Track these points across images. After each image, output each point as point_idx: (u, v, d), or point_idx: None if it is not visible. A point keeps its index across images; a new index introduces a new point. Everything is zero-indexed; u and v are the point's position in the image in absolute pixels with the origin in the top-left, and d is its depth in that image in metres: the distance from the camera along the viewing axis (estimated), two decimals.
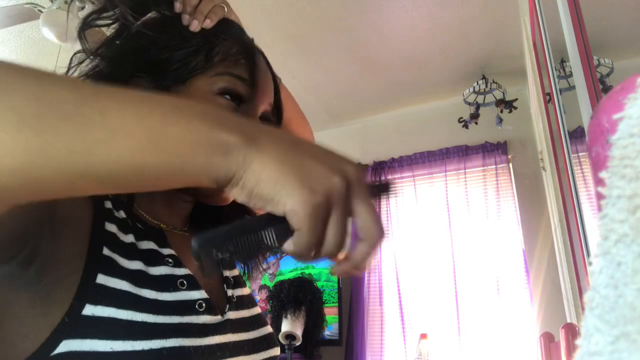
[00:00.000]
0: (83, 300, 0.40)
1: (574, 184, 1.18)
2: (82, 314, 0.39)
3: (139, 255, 0.46)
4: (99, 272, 0.42)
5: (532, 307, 2.45)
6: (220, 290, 0.56)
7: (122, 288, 0.42)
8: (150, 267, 0.46)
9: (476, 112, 2.81)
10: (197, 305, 0.48)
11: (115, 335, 0.40)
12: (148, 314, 0.42)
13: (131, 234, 0.48)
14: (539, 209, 2.54)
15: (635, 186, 0.19)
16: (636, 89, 0.20)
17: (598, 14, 2.11)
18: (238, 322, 0.54)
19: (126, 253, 0.45)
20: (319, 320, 2.56)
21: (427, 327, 2.68)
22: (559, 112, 1.32)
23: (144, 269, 0.46)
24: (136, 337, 0.40)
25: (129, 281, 0.43)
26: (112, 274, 0.43)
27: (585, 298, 0.19)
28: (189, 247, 0.56)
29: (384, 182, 0.39)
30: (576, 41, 0.94)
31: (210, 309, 0.49)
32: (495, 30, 2.41)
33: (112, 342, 0.39)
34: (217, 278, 0.58)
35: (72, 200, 0.44)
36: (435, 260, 2.81)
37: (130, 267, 0.45)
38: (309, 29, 2.40)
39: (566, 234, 1.48)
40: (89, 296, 0.40)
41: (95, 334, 0.39)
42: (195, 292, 0.48)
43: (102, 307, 0.40)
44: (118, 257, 0.44)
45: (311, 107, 3.19)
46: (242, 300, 0.58)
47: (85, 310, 0.40)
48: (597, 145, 0.21)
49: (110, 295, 0.41)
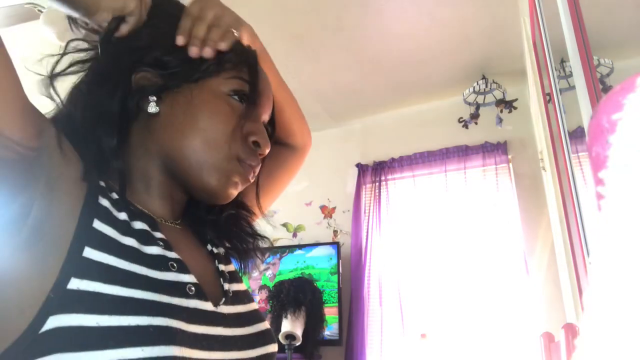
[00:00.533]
0: (68, 274, 0.39)
1: (574, 184, 1.18)
2: (67, 287, 0.39)
3: (132, 233, 0.46)
4: (86, 245, 0.42)
5: (532, 307, 2.45)
6: (215, 283, 0.56)
7: (109, 263, 0.42)
8: (143, 245, 0.46)
9: (476, 112, 2.81)
10: (187, 289, 0.47)
11: (102, 310, 0.39)
12: (136, 290, 0.42)
13: (124, 212, 0.48)
14: (539, 209, 2.54)
15: (635, 186, 0.19)
16: (636, 89, 0.20)
17: (598, 14, 2.11)
18: (232, 317, 0.53)
19: (119, 228, 0.45)
20: (319, 320, 2.56)
21: (427, 327, 2.68)
22: (559, 112, 1.32)
23: (138, 247, 0.46)
24: (123, 313, 0.40)
25: (119, 256, 0.43)
26: (101, 248, 0.42)
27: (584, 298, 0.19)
28: (182, 239, 0.56)
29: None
30: (576, 41, 0.94)
31: (200, 294, 0.49)
32: (495, 30, 2.41)
33: (98, 316, 0.39)
34: (212, 271, 0.58)
35: (65, 164, 0.44)
36: (435, 260, 2.81)
37: (124, 242, 0.45)
38: (309, 29, 2.40)
39: (566, 234, 1.48)
40: (74, 270, 0.40)
41: (81, 309, 0.39)
42: (185, 276, 0.48)
43: (88, 282, 0.40)
44: (111, 229, 0.44)
45: (311, 107, 3.19)
46: (239, 296, 0.58)
47: (71, 284, 0.39)
48: (597, 145, 0.21)
49: (97, 269, 0.41)
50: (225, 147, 0.53)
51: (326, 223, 3.31)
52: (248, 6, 2.21)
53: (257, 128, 0.57)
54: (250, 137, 0.56)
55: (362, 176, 3.21)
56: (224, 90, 0.55)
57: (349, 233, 3.16)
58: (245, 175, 0.56)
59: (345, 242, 3.15)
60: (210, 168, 0.53)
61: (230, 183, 0.54)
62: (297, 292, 2.53)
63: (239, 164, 0.55)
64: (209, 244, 0.61)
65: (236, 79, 0.55)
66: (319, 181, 3.35)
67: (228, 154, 0.53)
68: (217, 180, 0.53)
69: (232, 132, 0.54)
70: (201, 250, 0.60)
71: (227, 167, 0.54)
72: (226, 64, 0.55)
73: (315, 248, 3.02)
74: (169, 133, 0.53)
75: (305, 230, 3.34)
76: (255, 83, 0.57)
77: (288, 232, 3.37)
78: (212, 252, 0.61)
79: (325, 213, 3.33)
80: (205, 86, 0.54)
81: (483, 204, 2.78)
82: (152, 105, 0.53)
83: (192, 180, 0.54)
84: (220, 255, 0.61)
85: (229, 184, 0.54)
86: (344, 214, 3.26)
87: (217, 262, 0.59)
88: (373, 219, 3.07)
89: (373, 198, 3.13)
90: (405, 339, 2.73)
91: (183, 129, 0.53)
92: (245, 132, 0.55)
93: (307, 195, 3.37)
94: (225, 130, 0.53)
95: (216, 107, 0.54)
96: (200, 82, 0.54)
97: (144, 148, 0.54)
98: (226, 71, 0.55)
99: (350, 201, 3.22)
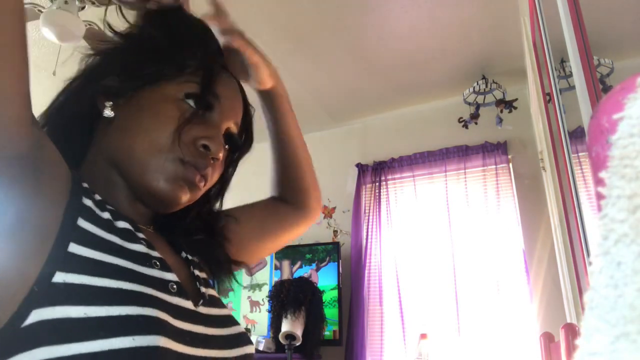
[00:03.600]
0: (53, 268, 0.39)
1: (574, 184, 1.18)
2: (52, 281, 0.39)
3: (116, 231, 0.47)
4: (71, 241, 0.42)
5: (532, 307, 2.45)
6: (191, 286, 0.56)
7: (96, 257, 0.42)
8: (127, 242, 0.47)
9: (476, 112, 2.81)
10: (169, 286, 0.48)
11: (89, 300, 0.39)
12: (124, 282, 0.42)
13: (107, 213, 0.48)
14: (539, 209, 2.54)
15: (635, 186, 0.19)
16: (636, 89, 0.20)
17: (598, 14, 2.11)
18: (210, 318, 0.53)
19: (103, 226, 0.46)
20: (319, 320, 2.56)
21: (427, 327, 2.68)
22: (559, 112, 1.32)
23: (121, 243, 0.46)
24: (112, 303, 0.40)
25: (104, 251, 0.43)
26: (87, 244, 0.42)
27: (585, 298, 0.19)
28: (157, 243, 0.56)
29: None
30: (576, 41, 0.94)
31: (181, 293, 0.49)
32: (495, 30, 2.41)
33: (86, 307, 0.38)
34: (188, 275, 0.57)
35: (50, 164, 0.45)
36: (435, 260, 2.82)
37: (108, 238, 0.45)
38: (309, 29, 2.41)
39: (566, 234, 1.48)
40: (59, 264, 0.40)
41: (67, 301, 0.38)
42: (168, 274, 0.49)
43: (74, 275, 0.40)
44: (95, 227, 0.45)
45: (311, 107, 3.19)
46: (213, 300, 0.58)
47: (56, 277, 0.39)
48: (597, 145, 0.21)
49: (84, 263, 0.41)
50: (169, 149, 0.52)
51: (326, 223, 3.31)
52: (249, 6, 2.21)
53: (208, 131, 0.55)
54: (199, 141, 0.54)
55: (362, 176, 3.21)
56: (176, 95, 0.54)
57: (349, 233, 3.16)
58: (190, 178, 0.53)
59: (345, 242, 3.15)
60: (153, 170, 0.52)
61: (175, 186, 0.53)
62: (297, 292, 2.53)
63: (183, 166, 0.53)
64: (182, 251, 0.61)
65: (191, 83, 0.55)
66: (319, 181, 3.34)
67: (171, 156, 0.52)
68: (160, 182, 0.52)
69: (176, 134, 0.52)
70: (175, 255, 0.59)
71: (170, 169, 0.52)
72: (188, 69, 0.55)
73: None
74: (118, 136, 0.54)
75: None
76: (207, 86, 0.55)
77: None
78: (187, 258, 0.60)
79: (325, 213, 3.33)
80: (159, 91, 0.54)
81: (483, 204, 2.78)
82: (108, 109, 0.53)
83: (137, 183, 0.53)
84: (194, 261, 0.61)
85: (174, 187, 0.53)
86: (344, 214, 3.26)
87: (192, 267, 0.59)
88: (373, 219, 3.07)
89: (373, 198, 3.13)
90: (405, 338, 2.73)
91: (130, 131, 0.53)
92: (195, 136, 0.54)
93: None
94: (168, 132, 0.52)
95: (161, 110, 0.53)
96: (155, 87, 0.54)
97: (103, 154, 0.55)
98: (184, 75, 0.55)
99: (350, 201, 3.22)
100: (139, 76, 0.54)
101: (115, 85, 0.54)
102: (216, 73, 0.57)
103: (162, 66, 0.55)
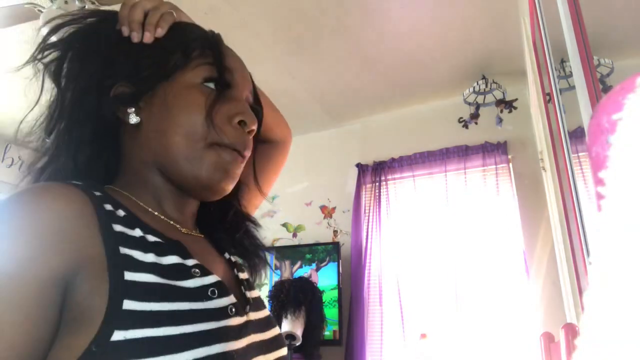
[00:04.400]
0: (111, 328, 0.38)
1: (574, 184, 1.18)
2: (110, 340, 0.38)
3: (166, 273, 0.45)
4: (124, 298, 0.40)
5: (532, 307, 2.45)
6: (238, 292, 0.56)
7: (152, 309, 0.41)
8: (179, 281, 0.45)
9: (476, 112, 2.81)
10: (228, 310, 0.47)
11: (153, 352, 0.38)
12: (186, 325, 0.41)
13: (151, 253, 0.46)
14: (539, 209, 2.54)
15: (635, 186, 0.19)
16: (636, 89, 0.20)
17: (598, 14, 2.11)
18: (257, 322, 0.54)
19: (154, 272, 0.44)
20: (319, 320, 2.56)
21: (427, 327, 2.68)
22: (559, 112, 1.32)
23: (175, 283, 0.44)
24: (177, 350, 0.39)
25: (160, 300, 0.41)
26: (140, 297, 0.41)
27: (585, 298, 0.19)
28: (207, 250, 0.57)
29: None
30: (576, 41, 0.94)
31: (238, 311, 0.49)
32: (495, 30, 2.41)
33: (152, 359, 0.38)
34: (232, 278, 0.58)
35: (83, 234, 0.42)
36: (435, 260, 2.82)
37: (162, 283, 0.43)
38: (309, 29, 2.40)
39: (566, 234, 1.47)
40: (116, 323, 0.38)
41: (131, 356, 0.37)
42: (225, 299, 0.48)
43: (134, 330, 0.38)
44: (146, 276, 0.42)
45: (311, 107, 3.19)
46: (256, 302, 0.58)
47: (115, 336, 0.38)
48: (597, 145, 0.21)
49: (141, 318, 0.40)
50: (205, 135, 0.52)
51: (326, 223, 3.31)
52: (249, 6, 2.21)
53: (238, 107, 0.56)
54: (234, 118, 0.55)
55: (362, 176, 3.21)
56: (194, 81, 0.54)
57: (349, 233, 3.16)
58: (235, 159, 0.55)
59: (345, 242, 3.15)
60: (196, 161, 0.52)
61: (218, 172, 0.53)
62: (297, 292, 2.53)
63: (225, 149, 0.54)
64: (226, 252, 0.62)
65: (204, 66, 0.55)
66: (319, 181, 3.35)
67: (209, 142, 0.53)
68: (206, 171, 0.53)
69: (209, 119, 0.52)
70: (220, 258, 0.60)
71: (210, 156, 0.53)
72: (193, 53, 0.55)
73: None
74: (154, 138, 0.53)
75: (305, 230, 3.34)
76: (221, 64, 0.56)
77: (288, 232, 3.37)
78: (230, 260, 0.61)
79: (325, 213, 3.33)
80: (177, 82, 0.54)
81: (483, 204, 2.78)
82: (132, 116, 0.52)
83: (185, 179, 0.53)
84: (238, 263, 0.62)
85: (217, 174, 0.53)
86: (344, 214, 3.26)
87: (236, 270, 0.60)
88: (373, 219, 3.07)
89: (373, 198, 3.13)
90: (405, 339, 2.73)
91: (164, 130, 0.52)
92: (228, 115, 0.54)
93: (307, 195, 3.37)
94: (201, 120, 0.52)
95: (187, 100, 0.53)
96: (171, 80, 0.54)
97: (140, 160, 0.54)
98: (193, 60, 0.55)
99: (350, 201, 3.22)
100: (152, 74, 0.53)
101: (129, 90, 0.53)
102: (221, 50, 0.58)
103: (171, 58, 0.54)
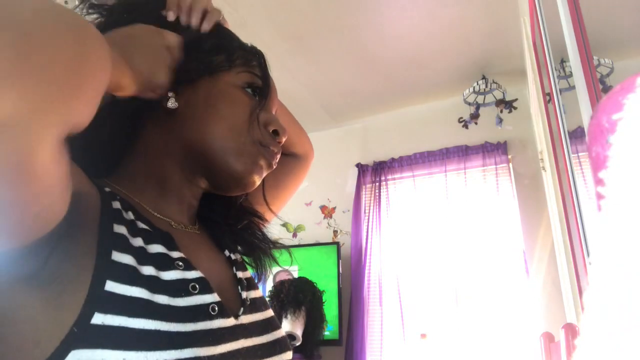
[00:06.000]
0: (92, 309, 0.39)
1: (574, 184, 1.18)
2: (91, 322, 0.38)
3: (149, 260, 0.45)
4: (107, 278, 0.40)
5: (532, 307, 2.45)
6: (233, 292, 0.56)
7: (132, 295, 0.41)
8: (161, 271, 0.45)
9: (476, 112, 2.81)
10: (210, 309, 0.46)
11: (128, 345, 0.38)
12: (161, 322, 0.41)
13: (139, 237, 0.46)
14: (539, 209, 2.54)
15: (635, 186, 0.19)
16: (636, 89, 0.20)
17: (598, 14, 2.11)
18: (251, 326, 0.53)
19: (137, 257, 0.44)
20: (319, 320, 2.56)
21: (427, 327, 2.68)
22: (559, 112, 1.32)
23: (156, 274, 0.44)
24: (150, 348, 0.39)
25: (141, 287, 0.42)
26: (122, 280, 0.41)
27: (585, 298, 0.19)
28: (201, 246, 0.56)
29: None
30: (576, 41, 0.94)
31: (222, 312, 0.48)
32: (495, 30, 2.41)
33: (124, 352, 0.38)
34: (230, 278, 0.57)
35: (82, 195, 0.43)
36: (435, 260, 2.82)
37: (143, 272, 0.43)
38: (308, 28, 2.40)
39: (566, 234, 1.48)
40: (97, 304, 0.39)
41: (106, 344, 0.38)
42: (207, 296, 0.47)
43: (112, 316, 0.39)
44: (129, 258, 0.43)
45: (311, 107, 3.19)
46: (256, 303, 0.57)
47: (95, 319, 0.38)
48: (597, 145, 0.21)
49: (120, 302, 0.40)
50: (248, 132, 0.55)
51: (326, 223, 3.31)
52: (249, 6, 2.21)
53: (273, 118, 0.60)
54: (269, 126, 0.59)
55: (362, 176, 3.21)
56: (237, 83, 0.57)
57: (349, 233, 3.16)
58: (269, 160, 0.58)
59: (345, 242, 3.15)
60: (235, 153, 0.54)
61: (255, 167, 0.56)
62: (297, 292, 2.53)
63: (263, 148, 0.57)
64: (226, 249, 0.62)
65: (247, 73, 0.58)
66: (319, 181, 3.35)
67: (250, 139, 0.55)
68: (243, 164, 0.55)
69: (254, 118, 0.56)
70: (219, 256, 0.60)
71: (252, 151, 0.56)
72: (237, 60, 0.58)
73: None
74: (190, 126, 0.54)
75: (305, 230, 3.34)
76: (267, 75, 0.60)
77: (288, 232, 3.37)
78: (229, 258, 0.61)
79: (325, 213, 3.33)
80: (220, 79, 0.56)
81: (483, 204, 2.78)
82: (172, 100, 0.53)
83: (218, 168, 0.55)
84: (237, 261, 0.62)
85: (255, 168, 0.56)
86: (344, 214, 3.26)
87: (234, 269, 0.59)
88: (373, 219, 3.07)
89: (373, 198, 3.13)
90: (405, 338, 2.73)
91: (205, 120, 0.54)
92: (263, 121, 0.58)
93: (307, 195, 3.37)
94: (245, 117, 0.55)
95: (235, 96, 0.56)
96: (214, 76, 0.56)
97: (162, 147, 0.55)
98: (237, 66, 0.58)
99: (350, 201, 3.22)
100: (198, 67, 0.55)
101: (174, 77, 0.54)
102: (266, 63, 0.61)
103: (217, 57, 0.57)
